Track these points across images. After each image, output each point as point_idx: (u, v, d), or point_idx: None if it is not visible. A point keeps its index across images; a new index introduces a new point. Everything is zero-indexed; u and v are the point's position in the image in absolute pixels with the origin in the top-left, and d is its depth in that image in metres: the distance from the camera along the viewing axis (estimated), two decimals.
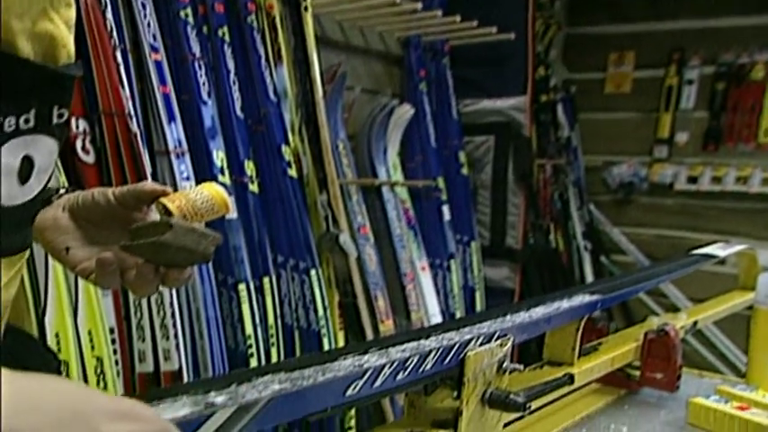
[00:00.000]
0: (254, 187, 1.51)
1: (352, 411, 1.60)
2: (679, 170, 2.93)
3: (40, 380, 0.27)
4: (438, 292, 2.17)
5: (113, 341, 1.18)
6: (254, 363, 1.43)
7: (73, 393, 0.27)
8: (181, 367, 1.24)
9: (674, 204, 2.99)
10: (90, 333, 1.09)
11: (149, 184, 0.55)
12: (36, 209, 0.49)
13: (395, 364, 0.58)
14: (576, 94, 3.02)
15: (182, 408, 0.42)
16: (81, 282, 1.09)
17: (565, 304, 0.84)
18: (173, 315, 1.25)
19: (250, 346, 1.43)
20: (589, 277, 2.86)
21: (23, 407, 0.25)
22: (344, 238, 1.66)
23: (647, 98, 3.00)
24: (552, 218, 2.63)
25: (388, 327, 1.87)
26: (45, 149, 0.44)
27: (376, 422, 1.62)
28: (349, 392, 0.54)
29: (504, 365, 0.70)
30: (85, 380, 1.07)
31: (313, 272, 1.58)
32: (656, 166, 2.99)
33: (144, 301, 1.23)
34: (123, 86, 1.16)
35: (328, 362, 0.54)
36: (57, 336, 1.02)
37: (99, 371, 1.11)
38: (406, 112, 2.06)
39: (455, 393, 0.68)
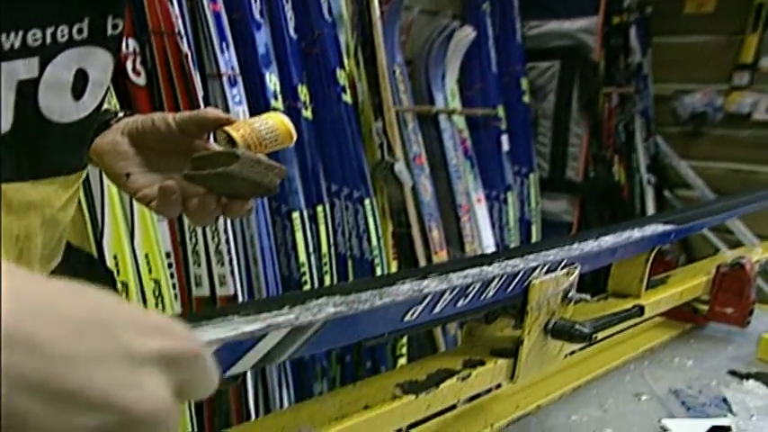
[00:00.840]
0: (307, 113, 1.48)
1: (404, 339, 1.61)
2: (760, 98, 2.71)
3: (55, 282, 0.23)
4: (493, 225, 2.14)
5: (170, 265, 1.20)
6: None
7: (96, 300, 0.23)
8: (236, 292, 1.26)
9: (750, 136, 2.79)
10: (147, 256, 1.11)
11: (212, 110, 0.52)
12: (92, 128, 0.47)
13: (455, 291, 0.56)
14: (651, 15, 2.80)
15: (234, 328, 0.40)
16: (137, 206, 1.09)
17: (636, 234, 0.79)
18: (227, 242, 1.26)
19: (303, 273, 1.44)
20: (651, 212, 2.75)
21: (32, 309, 0.21)
22: (399, 167, 1.64)
23: (732, 18, 2.74)
24: (615, 150, 2.51)
25: (441, 258, 1.85)
26: (100, 63, 0.42)
27: (428, 351, 1.63)
28: (407, 318, 0.53)
29: (570, 295, 0.67)
30: (144, 302, 1.10)
31: (367, 201, 1.58)
32: (734, 95, 2.78)
33: (199, 228, 1.24)
34: (172, 3, 1.12)
35: (386, 286, 0.52)
36: (115, 258, 1.04)
37: (157, 293, 1.13)
38: (466, 35, 1.96)
39: (516, 323, 0.66)
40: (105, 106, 0.49)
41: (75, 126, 0.42)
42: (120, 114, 0.55)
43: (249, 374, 1.37)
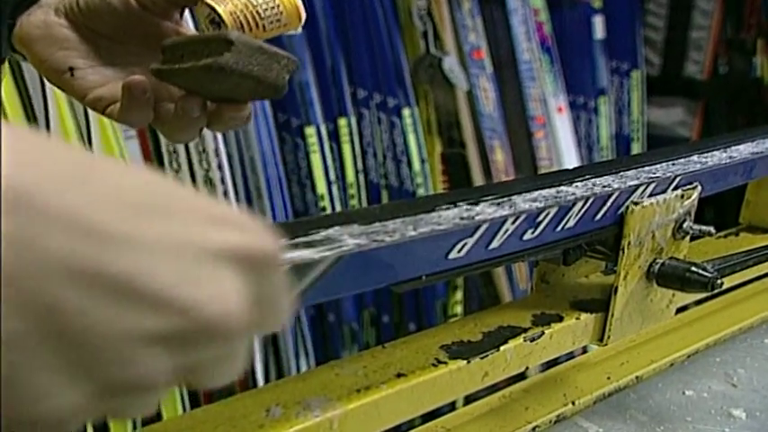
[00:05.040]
0: None
1: (459, 295, 1.63)
2: None
3: (101, 157, 0.24)
4: (579, 143, 2.10)
5: None
6: None
7: (157, 182, 0.25)
8: None
9: None
10: None
11: None
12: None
13: (521, 219, 0.55)
14: None
15: None
16: (94, 118, 1.10)
17: None
18: (219, 167, 1.27)
19: (323, 209, 1.46)
20: None
21: (78, 183, 0.22)
22: (450, 65, 1.63)
23: None
24: (761, 31, 2.39)
25: None
26: None
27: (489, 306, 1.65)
28: (453, 255, 0.52)
29: (685, 226, 0.66)
30: None
31: (406, 112, 1.58)
32: None
33: (182, 148, 1.25)
34: None
35: (424, 212, 0.51)
36: None
37: None
38: None
39: (607, 264, 0.67)
40: None
41: None
42: None
43: (256, 337, 1.41)
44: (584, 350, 0.75)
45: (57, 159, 0.23)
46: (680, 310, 0.75)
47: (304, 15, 0.51)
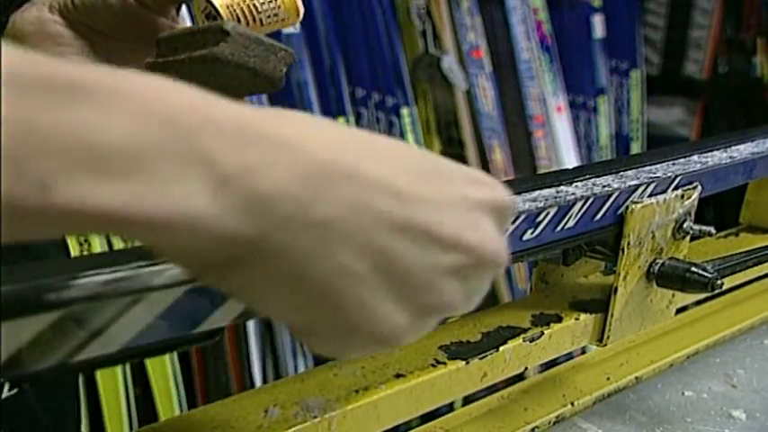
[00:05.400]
0: None
1: None
2: None
3: (382, 137, 0.33)
4: (578, 143, 2.10)
5: None
6: None
7: (426, 153, 0.34)
8: None
9: None
10: None
11: None
12: None
13: (521, 219, 0.55)
14: None
15: None
16: None
17: None
18: None
19: None
20: None
21: (375, 154, 0.31)
22: (449, 64, 1.63)
23: None
24: (761, 31, 2.39)
25: None
26: None
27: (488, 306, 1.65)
28: None
29: (685, 226, 0.66)
30: (109, 246, 1.12)
31: (405, 111, 1.58)
32: None
33: None
34: None
35: None
36: None
37: None
38: None
39: (607, 264, 0.67)
40: None
41: None
42: None
43: (253, 338, 1.40)
44: (584, 351, 0.75)
45: (355, 139, 0.31)
46: (680, 310, 0.75)
47: (302, 10, 0.50)
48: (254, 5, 0.49)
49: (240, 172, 0.27)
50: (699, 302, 0.84)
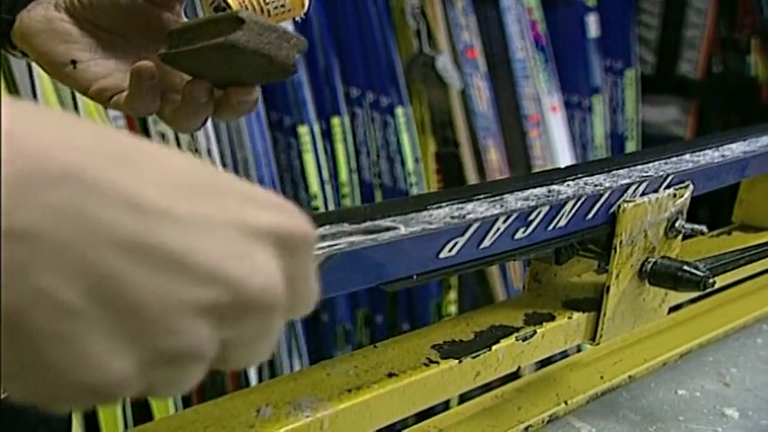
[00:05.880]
0: None
1: (453, 295, 1.63)
2: None
3: (148, 142, 0.26)
4: (573, 142, 2.10)
5: None
6: None
7: (200, 165, 0.27)
8: None
9: None
10: None
11: None
12: None
13: (513, 218, 0.55)
14: None
15: None
16: (82, 105, 1.09)
17: None
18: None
19: (316, 208, 1.46)
20: None
21: (124, 161, 0.24)
22: (444, 63, 1.62)
23: None
24: (755, 30, 2.39)
25: None
26: None
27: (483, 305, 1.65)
28: (444, 254, 0.52)
29: (678, 225, 0.66)
30: None
31: (400, 111, 1.57)
32: None
33: (173, 147, 1.24)
34: None
35: (415, 210, 0.51)
36: None
37: None
38: None
39: (600, 263, 0.67)
40: None
41: None
42: None
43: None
44: (579, 349, 0.75)
45: (103, 139, 0.25)
46: (673, 309, 0.75)
47: (307, 2, 0.51)
48: None
49: None
50: (692, 301, 0.84)
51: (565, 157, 2.05)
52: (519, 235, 0.56)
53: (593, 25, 2.09)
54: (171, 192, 0.25)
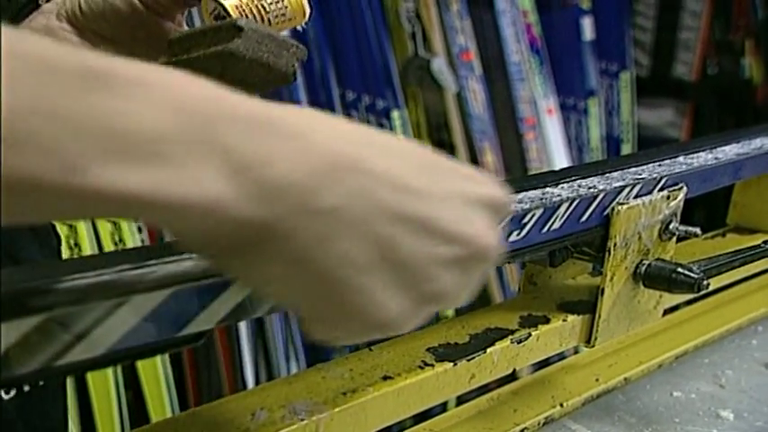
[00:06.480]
0: None
1: None
2: None
3: (384, 133, 0.34)
4: (569, 144, 2.10)
5: None
6: None
7: (426, 149, 0.35)
8: None
9: None
10: None
11: None
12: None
13: (507, 220, 0.54)
14: None
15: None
16: None
17: None
18: None
19: None
20: None
21: (377, 147, 0.32)
22: (439, 66, 1.63)
23: None
24: (749, 33, 2.40)
25: None
26: None
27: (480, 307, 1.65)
28: None
29: (672, 227, 0.66)
30: (100, 248, 1.12)
31: (395, 114, 1.58)
32: None
33: None
34: None
35: None
36: None
37: (117, 238, 1.15)
38: None
39: (594, 266, 0.67)
40: None
41: None
42: None
43: (245, 342, 1.40)
44: (576, 351, 0.75)
45: (364, 134, 0.33)
46: (669, 311, 0.75)
47: (309, 10, 0.51)
48: (262, 6, 0.50)
49: (254, 161, 0.28)
50: (687, 303, 0.84)
51: (561, 160, 2.05)
52: (513, 237, 0.56)
53: (588, 28, 2.09)
54: (416, 172, 0.33)
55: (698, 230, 0.67)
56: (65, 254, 1.09)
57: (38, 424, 0.57)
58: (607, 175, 0.63)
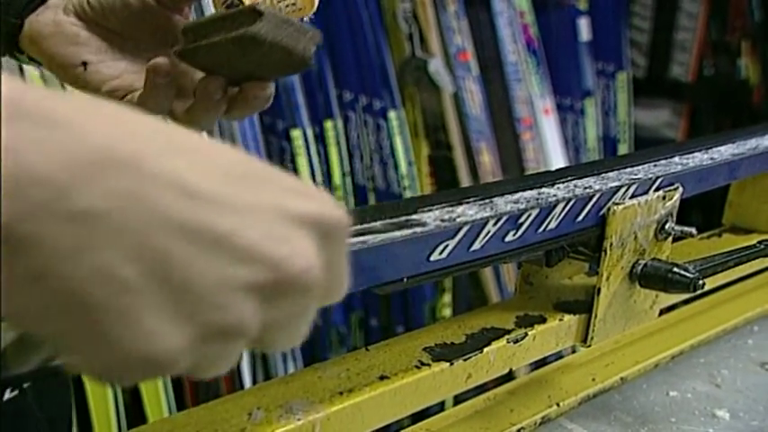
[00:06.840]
0: None
1: (447, 298, 1.63)
2: None
3: (199, 135, 0.29)
4: (566, 145, 2.10)
5: None
6: None
7: (244, 156, 0.29)
8: None
9: None
10: None
11: None
12: None
13: (503, 220, 0.55)
14: None
15: None
16: None
17: (766, 142, 0.77)
18: None
19: None
20: None
21: (175, 149, 0.26)
22: (436, 67, 1.63)
23: None
24: (746, 33, 2.40)
25: None
26: None
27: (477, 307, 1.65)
28: (435, 257, 0.52)
29: (668, 227, 0.66)
30: None
31: (392, 114, 1.58)
32: None
33: None
34: None
35: (405, 213, 0.51)
36: None
37: None
38: None
39: (590, 265, 0.67)
40: None
41: None
42: None
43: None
44: (573, 350, 0.75)
45: (158, 131, 0.27)
46: (665, 311, 0.75)
47: (317, 1, 0.51)
48: None
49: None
50: (683, 303, 0.84)
51: (558, 160, 2.05)
52: (509, 238, 0.56)
53: (584, 28, 2.09)
54: (220, 179, 0.27)
55: (693, 230, 0.67)
56: None
57: (54, 412, 0.57)
58: (603, 175, 0.63)
